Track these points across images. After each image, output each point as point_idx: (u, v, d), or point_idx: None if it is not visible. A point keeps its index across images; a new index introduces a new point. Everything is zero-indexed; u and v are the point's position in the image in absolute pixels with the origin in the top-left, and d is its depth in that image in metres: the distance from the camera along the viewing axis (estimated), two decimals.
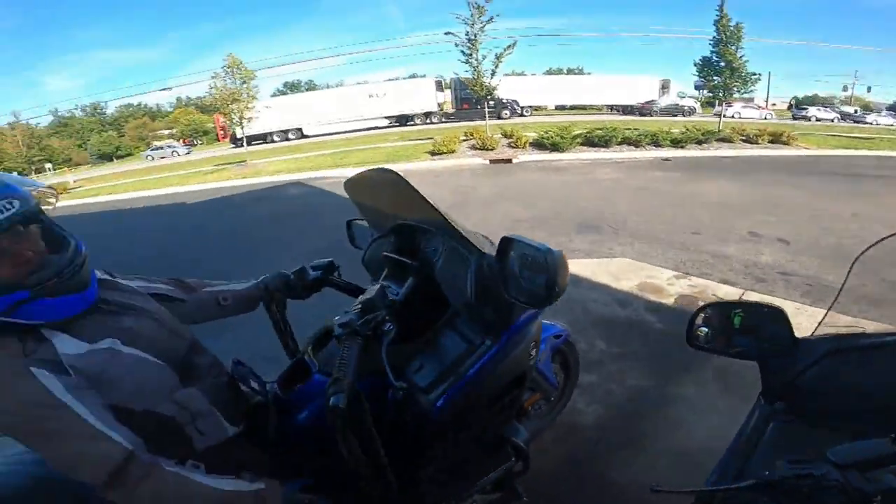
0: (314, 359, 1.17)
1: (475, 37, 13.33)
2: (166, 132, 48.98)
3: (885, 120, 28.44)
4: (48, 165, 38.34)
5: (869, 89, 41.61)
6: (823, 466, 0.66)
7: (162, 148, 33.26)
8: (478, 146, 12.74)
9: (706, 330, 1.04)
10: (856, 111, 31.50)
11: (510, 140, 13.18)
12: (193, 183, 13.68)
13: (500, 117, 25.37)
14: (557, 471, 1.85)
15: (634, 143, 12.60)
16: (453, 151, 12.56)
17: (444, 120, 26.97)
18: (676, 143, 12.56)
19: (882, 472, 0.64)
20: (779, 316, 0.96)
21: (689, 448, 1.88)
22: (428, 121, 27.46)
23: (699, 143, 12.80)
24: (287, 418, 1.11)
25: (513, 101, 27.20)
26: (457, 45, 13.72)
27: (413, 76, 37.95)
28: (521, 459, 1.38)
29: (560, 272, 0.94)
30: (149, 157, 31.86)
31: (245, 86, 15.97)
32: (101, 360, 0.87)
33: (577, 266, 3.88)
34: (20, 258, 0.83)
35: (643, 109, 27.28)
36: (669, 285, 3.60)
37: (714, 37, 15.06)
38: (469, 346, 1.16)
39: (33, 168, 37.93)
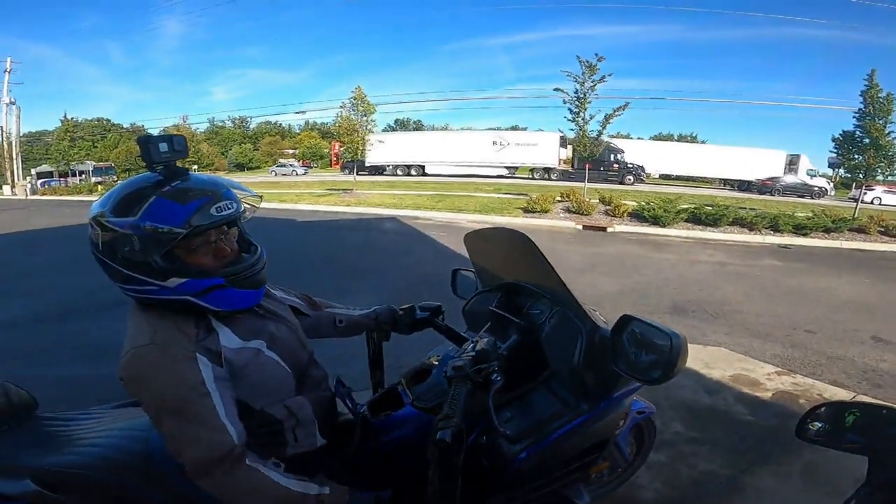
0: (408, 391, 1.26)
1: (584, 95, 13.32)
2: (291, 151, 54.95)
3: None
4: (195, 167, 44.76)
5: None
6: None
7: (284, 166, 37.57)
8: (573, 209, 12.47)
9: (819, 425, 1.11)
10: None
11: (607, 207, 12.72)
12: (305, 202, 15.20)
13: (622, 182, 24.27)
14: None
15: (749, 225, 11.28)
16: (547, 211, 12.45)
17: (562, 178, 25.60)
18: (799, 229, 10.99)
19: None
20: None
21: None
22: (547, 176, 26.84)
23: (827, 231, 11.04)
24: (368, 441, 1.20)
25: (639, 166, 25.95)
26: (564, 102, 13.80)
27: (514, 128, 38.63)
28: None
29: (682, 355, 1.00)
30: (272, 173, 36.14)
31: (365, 118, 17.54)
32: (248, 357, 0.97)
33: None
34: (221, 252, 0.97)
35: (763, 187, 24.74)
36: (768, 380, 3.33)
37: (860, 109, 13.44)
38: (563, 408, 1.22)
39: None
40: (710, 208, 11.83)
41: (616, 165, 25.54)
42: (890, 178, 15.67)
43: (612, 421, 1.32)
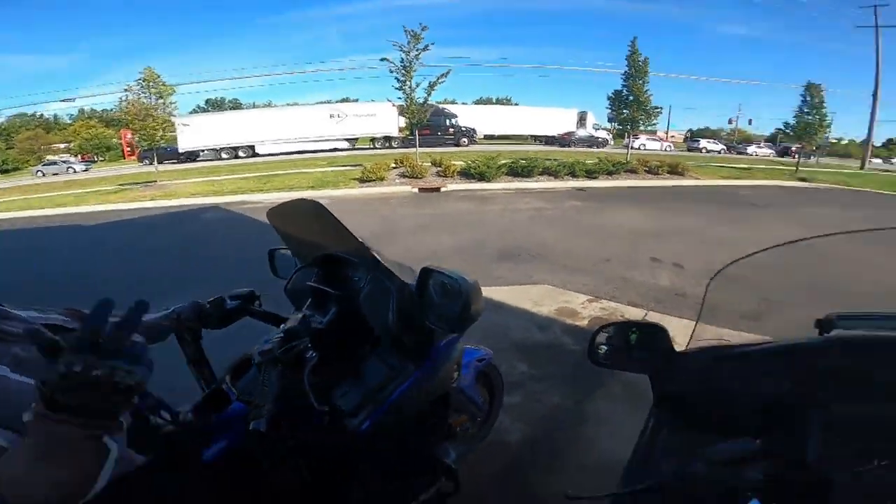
0: (233, 387, 1.14)
1: (410, 64, 13.49)
2: (63, 146, 43.88)
3: (762, 151, 33.19)
4: None
5: (750, 122, 49.13)
6: (701, 466, 0.74)
7: (55, 163, 29.72)
8: (407, 174, 12.80)
9: (606, 348, 1.11)
10: (738, 143, 36.53)
11: (439, 169, 13.39)
12: (91, 203, 12.31)
13: (457, 145, 25.90)
14: (485, 488, 1.90)
15: (553, 173, 13.35)
16: (382, 179, 12.52)
17: (403, 145, 25.82)
18: (590, 173, 13.47)
19: (749, 468, 0.72)
20: (661, 333, 1.05)
21: (607, 459, 1.94)
22: (388, 145, 27.00)
23: (610, 173, 13.76)
24: (205, 446, 1.07)
25: (472, 129, 27.88)
26: (391, 71, 13.80)
27: (345, 100, 37.47)
28: (450, 480, 1.42)
29: (474, 299, 1.06)
30: (39, 173, 28.36)
31: (161, 101, 14.88)
32: None
33: (500, 293, 4.08)
34: None
35: (563, 140, 29.27)
36: (583, 309, 3.86)
37: (625, 71, 16.51)
38: (392, 372, 1.22)
39: None
40: (524, 162, 13.48)
41: (451, 129, 27.17)
42: (650, 128, 19.89)
43: (444, 375, 1.34)
